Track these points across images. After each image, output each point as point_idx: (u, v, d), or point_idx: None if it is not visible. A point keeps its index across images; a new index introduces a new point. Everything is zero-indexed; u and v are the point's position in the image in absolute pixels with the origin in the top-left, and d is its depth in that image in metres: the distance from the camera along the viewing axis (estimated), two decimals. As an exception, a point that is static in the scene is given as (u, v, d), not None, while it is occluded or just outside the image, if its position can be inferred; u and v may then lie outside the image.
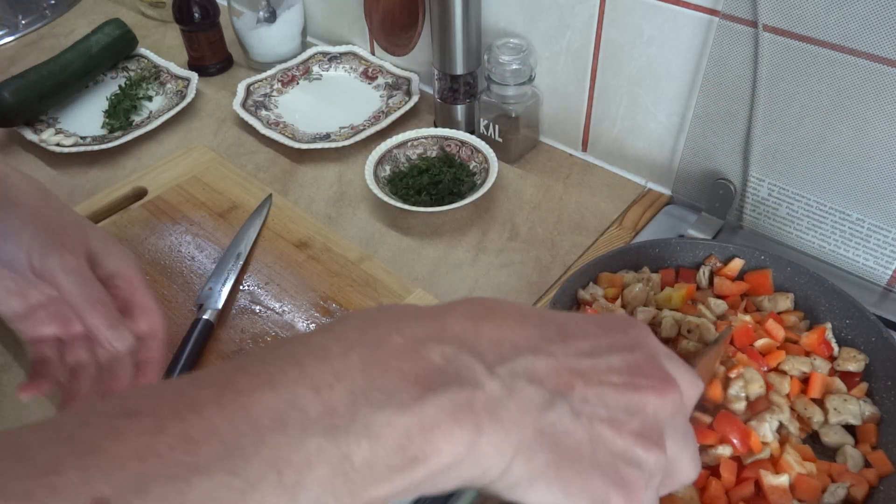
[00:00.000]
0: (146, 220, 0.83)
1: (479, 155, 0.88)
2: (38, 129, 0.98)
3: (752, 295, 0.66)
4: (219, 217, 0.83)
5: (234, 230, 0.81)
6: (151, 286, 0.72)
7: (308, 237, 0.80)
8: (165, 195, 0.86)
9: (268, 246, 0.80)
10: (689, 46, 0.75)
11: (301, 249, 0.79)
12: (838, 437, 0.55)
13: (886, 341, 0.59)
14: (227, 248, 0.78)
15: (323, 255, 0.78)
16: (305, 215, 0.83)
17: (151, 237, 0.81)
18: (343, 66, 1.09)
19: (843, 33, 0.63)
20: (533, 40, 0.87)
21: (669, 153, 0.84)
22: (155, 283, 0.75)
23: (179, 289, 0.75)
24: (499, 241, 0.82)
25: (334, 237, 0.80)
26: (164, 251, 0.79)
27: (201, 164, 0.91)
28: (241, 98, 1.01)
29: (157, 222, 0.83)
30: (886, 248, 0.71)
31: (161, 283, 0.75)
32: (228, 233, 0.81)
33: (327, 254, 0.78)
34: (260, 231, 0.81)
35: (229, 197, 0.86)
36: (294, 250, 0.79)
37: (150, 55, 1.10)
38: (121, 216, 0.84)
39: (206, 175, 0.89)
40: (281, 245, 0.80)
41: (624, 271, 0.68)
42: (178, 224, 0.83)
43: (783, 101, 0.70)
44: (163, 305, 0.70)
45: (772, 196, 0.76)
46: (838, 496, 0.52)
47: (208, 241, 0.80)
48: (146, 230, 0.82)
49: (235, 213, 0.84)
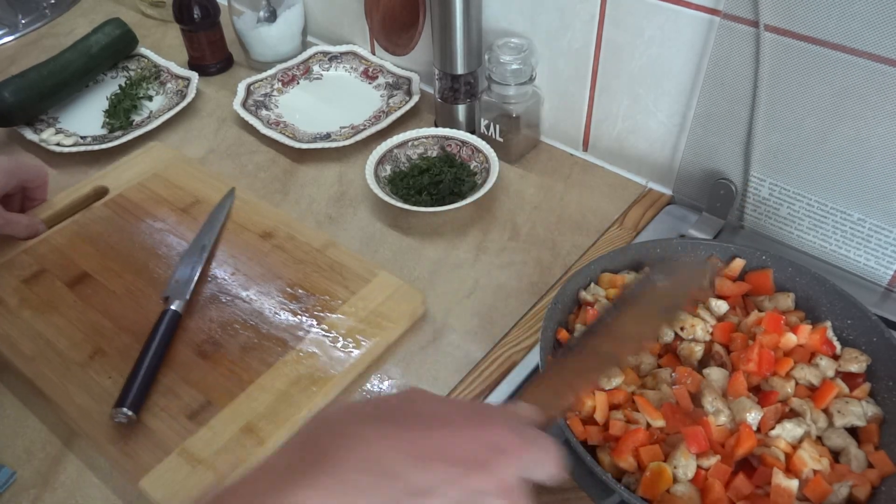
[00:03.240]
0: (109, 218, 0.84)
1: (479, 155, 0.88)
2: (39, 129, 0.97)
3: (753, 295, 0.66)
4: (181, 212, 0.84)
5: (197, 224, 0.82)
6: (118, 281, 0.75)
7: (272, 227, 0.81)
8: (127, 193, 0.87)
9: (233, 238, 0.81)
10: (691, 46, 0.75)
11: (266, 239, 0.80)
12: (841, 441, 0.55)
13: (888, 341, 0.59)
14: (192, 241, 0.79)
15: (287, 243, 0.79)
16: (269, 207, 0.84)
17: (115, 234, 0.82)
18: (343, 66, 1.09)
19: (844, 33, 0.63)
20: (534, 40, 0.87)
21: (670, 153, 0.84)
22: (121, 278, 0.76)
23: (146, 283, 0.76)
24: (499, 241, 0.81)
25: (298, 227, 0.81)
26: (128, 247, 0.80)
27: (162, 162, 0.91)
28: (242, 98, 1.01)
29: (119, 220, 0.83)
30: (888, 249, 0.71)
31: (127, 278, 0.76)
32: (192, 227, 0.82)
33: (292, 242, 0.79)
34: (224, 223, 0.82)
35: (191, 192, 0.87)
36: (259, 240, 0.80)
37: (151, 55, 1.10)
38: (83, 215, 0.84)
39: (167, 172, 0.89)
40: (246, 236, 0.81)
41: (625, 271, 0.68)
42: (142, 220, 0.83)
43: (784, 101, 0.70)
44: (130, 299, 0.73)
45: (773, 196, 0.76)
46: (841, 496, 0.52)
47: (172, 236, 0.81)
48: (109, 228, 0.82)
49: (198, 208, 0.84)
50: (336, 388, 0.66)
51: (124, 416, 0.62)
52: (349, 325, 0.70)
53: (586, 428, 0.56)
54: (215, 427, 0.62)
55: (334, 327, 0.70)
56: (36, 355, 0.69)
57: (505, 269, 0.78)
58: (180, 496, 0.58)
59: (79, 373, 0.67)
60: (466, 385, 0.67)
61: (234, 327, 0.71)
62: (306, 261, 0.77)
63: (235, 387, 0.65)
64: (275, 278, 0.75)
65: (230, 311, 0.72)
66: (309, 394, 0.65)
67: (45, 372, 0.67)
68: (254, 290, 0.74)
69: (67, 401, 0.65)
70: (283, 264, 0.77)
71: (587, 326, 0.57)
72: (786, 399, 0.57)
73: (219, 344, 0.69)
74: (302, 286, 0.74)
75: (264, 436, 0.62)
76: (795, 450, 0.53)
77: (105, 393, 0.65)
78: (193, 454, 0.60)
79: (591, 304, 0.65)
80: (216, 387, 0.66)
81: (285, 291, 0.74)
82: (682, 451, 0.52)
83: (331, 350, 0.68)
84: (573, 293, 0.66)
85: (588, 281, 0.67)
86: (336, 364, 0.67)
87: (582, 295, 0.66)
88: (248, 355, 0.68)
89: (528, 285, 0.76)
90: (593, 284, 0.67)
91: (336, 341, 0.69)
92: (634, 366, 0.61)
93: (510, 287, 0.76)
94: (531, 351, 0.70)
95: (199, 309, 0.73)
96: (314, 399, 0.64)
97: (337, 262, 0.76)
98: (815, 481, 0.52)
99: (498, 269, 0.78)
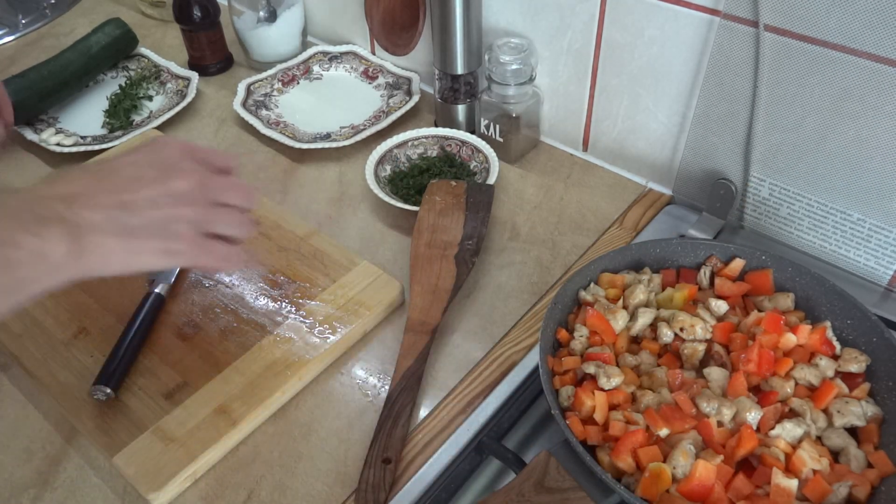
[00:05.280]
0: None
1: (479, 155, 0.88)
2: (39, 129, 0.97)
3: (753, 295, 0.66)
4: None
5: None
6: None
7: (259, 216, 0.83)
8: None
9: None
10: (690, 46, 0.75)
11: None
12: (841, 441, 0.55)
13: (888, 342, 0.59)
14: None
15: (273, 231, 0.81)
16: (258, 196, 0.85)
17: None
18: (343, 66, 1.09)
19: (844, 33, 0.63)
20: (534, 40, 0.87)
21: (670, 153, 0.84)
22: None
23: None
24: (499, 240, 0.81)
25: (285, 215, 0.83)
26: None
27: None
28: (242, 98, 1.01)
29: None
30: (887, 249, 0.71)
31: None
32: None
33: (277, 230, 0.81)
34: None
35: None
36: None
37: (151, 55, 1.10)
38: None
39: None
40: None
41: (625, 272, 0.68)
42: None
43: (784, 101, 0.70)
44: (116, 281, 0.75)
45: (773, 196, 0.76)
46: (840, 496, 0.52)
47: None
48: None
49: None
50: (310, 373, 0.68)
51: (103, 394, 0.64)
52: (327, 311, 0.72)
53: (586, 428, 0.56)
54: (190, 407, 0.64)
55: (312, 314, 0.72)
56: (23, 333, 0.71)
57: (505, 268, 0.78)
58: (152, 473, 0.59)
59: (63, 350, 0.69)
60: (466, 385, 0.67)
61: (215, 311, 0.73)
62: (289, 248, 0.79)
63: (212, 369, 0.67)
64: (258, 265, 0.77)
65: (212, 295, 0.75)
66: (283, 377, 0.66)
67: (29, 348, 0.69)
68: (236, 276, 0.76)
69: (49, 377, 0.67)
70: (266, 251, 0.79)
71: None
72: (785, 399, 0.57)
73: (199, 327, 0.71)
74: (284, 273, 0.76)
75: (237, 417, 0.63)
76: (795, 450, 0.53)
77: (86, 371, 0.67)
78: (167, 433, 0.62)
79: (590, 304, 0.65)
80: (194, 368, 0.68)
81: (267, 278, 0.76)
82: (682, 452, 0.52)
83: (307, 336, 0.70)
84: (573, 293, 0.66)
85: (588, 281, 0.67)
86: (311, 349, 0.69)
87: (582, 295, 0.66)
88: (226, 339, 0.70)
89: (527, 285, 0.76)
90: (593, 284, 0.67)
91: (313, 327, 0.71)
92: (634, 366, 0.61)
93: (510, 287, 0.76)
94: (531, 351, 0.70)
95: (183, 293, 0.75)
96: (287, 382, 0.66)
97: (319, 249, 0.78)
98: (814, 481, 0.52)
99: (498, 269, 0.78)
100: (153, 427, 0.63)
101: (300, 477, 0.61)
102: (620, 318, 0.63)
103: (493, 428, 0.64)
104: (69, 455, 0.64)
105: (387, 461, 0.60)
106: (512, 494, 0.53)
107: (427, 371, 0.69)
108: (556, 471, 0.54)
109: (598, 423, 0.56)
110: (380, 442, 0.61)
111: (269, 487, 0.61)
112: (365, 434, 0.64)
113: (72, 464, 0.63)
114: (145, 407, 0.65)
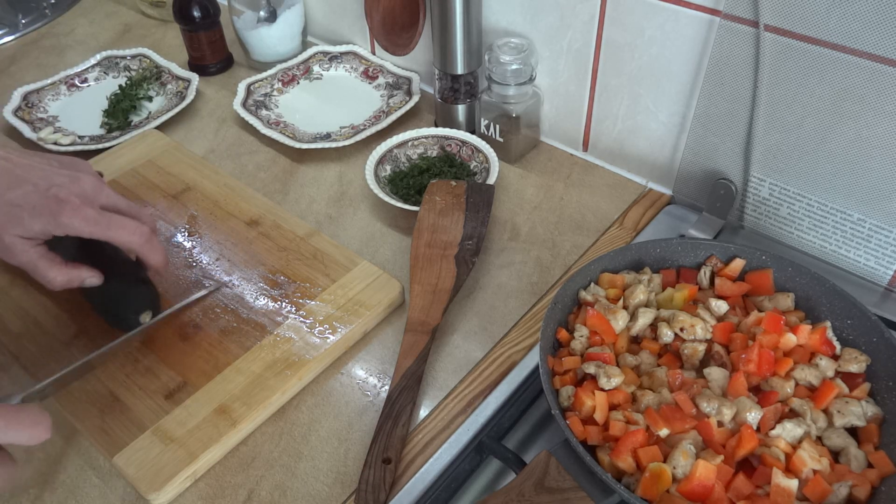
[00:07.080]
0: None
1: (479, 155, 0.88)
2: (37, 128, 0.97)
3: (753, 295, 0.66)
4: (172, 198, 0.86)
5: (187, 210, 0.84)
6: None
7: (259, 215, 0.83)
8: (121, 179, 0.88)
9: (220, 224, 0.82)
10: (691, 46, 0.75)
11: (252, 227, 0.82)
12: (841, 441, 0.55)
13: (888, 342, 0.59)
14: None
15: (273, 231, 0.81)
16: (257, 195, 0.86)
17: None
18: (343, 66, 1.09)
19: (844, 33, 0.63)
20: (534, 40, 0.87)
21: (670, 153, 0.84)
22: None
23: None
24: (499, 240, 0.81)
25: (285, 215, 0.83)
26: None
27: (156, 149, 0.93)
28: (242, 97, 1.01)
29: None
30: (888, 249, 0.71)
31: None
32: (181, 213, 0.84)
33: (277, 230, 0.81)
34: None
35: (183, 179, 0.88)
36: (245, 228, 0.82)
37: (153, 55, 1.10)
38: None
39: (160, 159, 0.91)
40: (232, 223, 0.82)
41: (625, 271, 0.68)
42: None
43: (784, 101, 0.70)
44: None
45: (773, 196, 0.76)
46: (840, 496, 0.52)
47: (162, 221, 0.83)
48: None
49: (188, 195, 0.86)
50: (311, 373, 0.68)
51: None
52: (327, 311, 0.72)
53: (586, 428, 0.56)
54: (190, 407, 0.64)
55: (312, 314, 0.72)
56: (23, 333, 0.71)
57: (505, 268, 0.78)
58: (152, 473, 0.60)
59: (62, 350, 0.69)
60: (466, 385, 0.67)
61: (216, 311, 0.73)
62: (290, 248, 0.79)
63: (212, 369, 0.67)
64: (258, 265, 0.77)
65: (212, 295, 0.74)
66: (283, 377, 0.66)
67: (29, 348, 0.69)
68: (237, 276, 0.76)
69: (48, 376, 0.66)
70: (266, 251, 0.79)
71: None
72: (786, 399, 0.57)
73: (199, 327, 0.71)
74: (284, 273, 0.76)
75: (237, 417, 0.63)
76: (795, 450, 0.53)
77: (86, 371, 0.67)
78: (167, 433, 0.62)
79: (590, 304, 0.65)
80: (194, 368, 0.68)
81: (267, 278, 0.76)
82: (682, 452, 0.52)
83: (307, 336, 0.70)
84: (573, 293, 0.66)
85: (588, 281, 0.67)
86: (311, 349, 0.69)
87: (582, 295, 0.66)
88: (226, 339, 0.70)
89: (527, 285, 0.76)
90: (593, 284, 0.67)
91: (313, 327, 0.70)
92: (634, 366, 0.61)
93: (510, 287, 0.76)
94: (531, 351, 0.70)
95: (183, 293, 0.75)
96: (287, 382, 0.66)
97: (319, 250, 0.78)
98: (814, 481, 0.52)
99: (498, 269, 0.78)
100: (153, 427, 0.63)
101: (300, 477, 0.61)
102: (620, 318, 0.63)
103: (493, 428, 0.64)
104: (69, 455, 0.64)
105: (387, 461, 0.60)
106: (512, 494, 0.53)
107: (427, 371, 0.69)
108: (557, 471, 0.54)
109: (598, 423, 0.56)
110: (380, 442, 0.62)
111: (269, 487, 0.61)
112: (365, 434, 0.64)
113: (72, 464, 0.63)
114: (146, 407, 0.65)
